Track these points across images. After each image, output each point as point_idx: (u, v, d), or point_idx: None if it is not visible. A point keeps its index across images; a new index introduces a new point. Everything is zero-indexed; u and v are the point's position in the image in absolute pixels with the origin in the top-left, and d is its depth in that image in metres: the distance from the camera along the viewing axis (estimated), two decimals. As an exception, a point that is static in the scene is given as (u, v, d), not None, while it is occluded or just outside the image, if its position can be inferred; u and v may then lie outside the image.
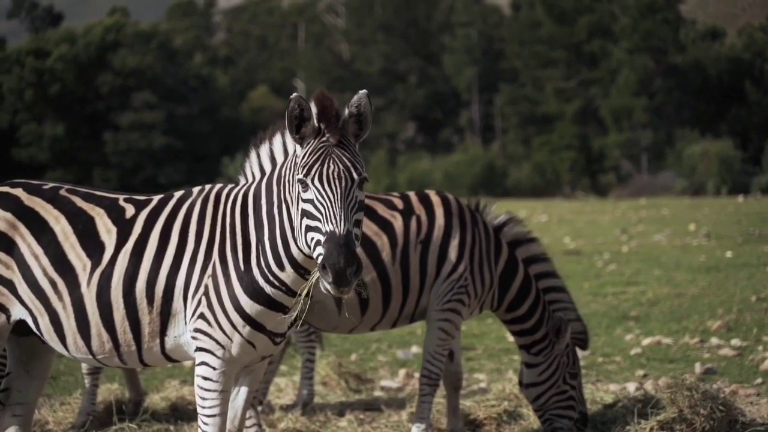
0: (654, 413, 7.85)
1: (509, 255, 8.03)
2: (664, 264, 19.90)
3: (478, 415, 8.61)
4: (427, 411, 7.87)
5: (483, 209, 8.11)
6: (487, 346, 12.58)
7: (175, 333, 5.86)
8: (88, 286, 5.86)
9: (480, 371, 11.09)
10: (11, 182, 6.29)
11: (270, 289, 5.67)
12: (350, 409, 9.42)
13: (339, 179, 5.33)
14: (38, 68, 65.90)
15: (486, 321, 14.31)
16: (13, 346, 6.39)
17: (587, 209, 41.15)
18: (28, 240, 5.98)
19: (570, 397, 8.11)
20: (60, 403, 9.45)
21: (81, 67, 66.84)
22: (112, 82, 66.72)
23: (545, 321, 8.10)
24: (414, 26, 77.38)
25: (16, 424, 6.42)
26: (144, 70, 67.23)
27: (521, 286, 8.01)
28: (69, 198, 6.12)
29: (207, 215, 5.88)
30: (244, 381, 6.10)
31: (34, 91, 65.63)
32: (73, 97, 66.72)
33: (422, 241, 7.74)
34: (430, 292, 7.77)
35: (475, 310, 8.01)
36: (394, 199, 7.92)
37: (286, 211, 5.61)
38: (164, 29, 72.69)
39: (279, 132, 5.85)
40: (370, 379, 10.49)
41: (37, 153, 65.06)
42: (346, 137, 5.50)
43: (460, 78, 73.71)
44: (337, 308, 7.55)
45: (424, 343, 7.96)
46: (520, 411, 8.68)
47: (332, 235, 5.17)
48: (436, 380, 7.87)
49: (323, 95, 5.52)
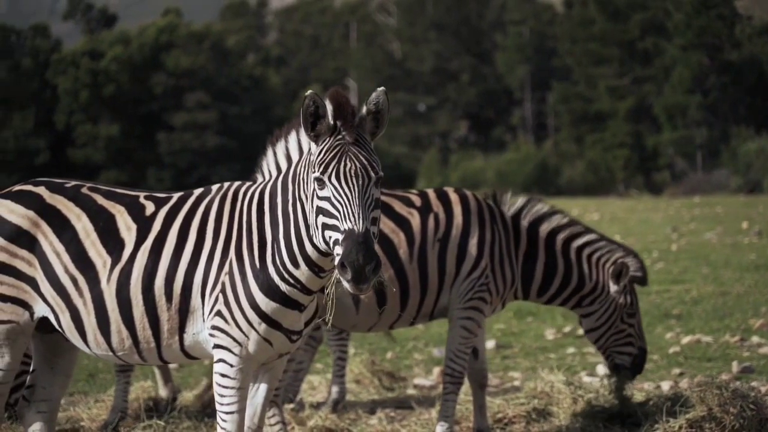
0: (683, 412, 7.76)
1: (528, 244, 8.04)
2: (713, 262, 19.71)
3: (507, 413, 8.57)
4: (451, 409, 7.85)
5: (501, 199, 8.08)
6: (524, 344, 12.53)
7: (194, 330, 5.88)
8: (108, 283, 5.91)
9: (515, 370, 11.05)
10: (34, 181, 6.35)
11: (285, 287, 5.69)
12: (381, 407, 9.42)
13: (356, 177, 5.34)
14: (93, 69, 66.65)
15: (525, 319, 14.26)
16: (38, 343, 6.46)
17: (640, 207, 40.80)
18: (50, 237, 6.03)
19: (628, 335, 8.27)
20: (95, 400, 9.55)
21: (135, 67, 67.49)
22: (165, 82, 67.28)
23: (587, 276, 8.16)
24: (466, 24, 77.20)
25: (41, 421, 6.48)
26: (197, 70, 67.71)
27: (545, 269, 8.06)
28: (90, 196, 6.16)
29: (225, 213, 5.90)
30: (263, 378, 6.11)
31: (89, 92, 66.40)
32: (128, 98, 67.39)
33: (440, 239, 7.71)
34: (451, 291, 7.74)
35: (497, 307, 7.98)
36: (411, 197, 7.89)
37: (300, 209, 5.62)
38: (217, 30, 73.10)
39: (294, 130, 5.85)
40: (403, 377, 10.48)
41: (92, 153, 65.83)
42: (362, 135, 5.50)
43: (513, 76, 73.46)
44: (355, 307, 7.55)
45: (447, 341, 7.93)
46: (550, 409, 8.61)
47: (351, 233, 5.18)
48: (460, 378, 7.84)
49: (338, 93, 5.52)
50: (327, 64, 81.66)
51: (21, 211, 6.09)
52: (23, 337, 6.16)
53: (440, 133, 73.63)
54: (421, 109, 76.04)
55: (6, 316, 6.07)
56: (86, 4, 78.24)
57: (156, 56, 68.30)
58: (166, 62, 67.86)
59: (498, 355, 11.92)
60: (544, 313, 14.58)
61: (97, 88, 66.52)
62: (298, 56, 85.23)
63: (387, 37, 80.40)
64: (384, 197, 7.38)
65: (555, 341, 12.71)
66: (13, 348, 6.15)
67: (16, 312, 6.07)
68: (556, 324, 13.80)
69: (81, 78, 66.67)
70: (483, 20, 78.03)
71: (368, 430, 8.50)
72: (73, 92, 66.81)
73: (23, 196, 6.17)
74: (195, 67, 67.71)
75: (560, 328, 13.46)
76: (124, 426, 8.58)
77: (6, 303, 6.07)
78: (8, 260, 6.05)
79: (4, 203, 6.16)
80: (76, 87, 66.68)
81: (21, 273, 6.05)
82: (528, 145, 66.58)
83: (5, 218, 6.09)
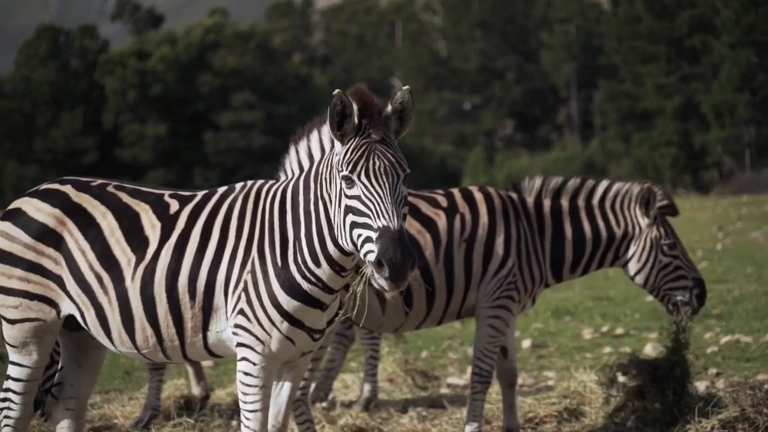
0: (716, 412, 7.68)
1: (553, 224, 8.00)
2: (758, 261, 19.49)
3: (538, 412, 8.53)
4: (479, 409, 7.82)
5: (521, 186, 8.05)
6: (560, 344, 12.47)
7: (217, 328, 5.89)
8: (133, 281, 5.93)
9: (550, 369, 10.99)
10: (61, 179, 6.39)
11: (307, 285, 5.68)
12: (414, 406, 9.42)
13: (386, 175, 5.34)
14: (140, 69, 67.11)
15: (563, 319, 14.19)
16: (66, 341, 6.50)
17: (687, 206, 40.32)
18: (76, 235, 6.07)
19: (676, 267, 8.10)
20: (129, 398, 9.61)
21: (182, 67, 67.88)
22: (212, 82, 67.61)
23: (615, 226, 8.07)
24: (512, 23, 76.97)
25: (69, 418, 6.52)
26: (243, 70, 67.96)
27: (574, 244, 8.00)
28: (116, 194, 6.19)
29: (247, 211, 5.91)
30: (286, 377, 6.10)
31: (137, 92, 66.89)
32: (174, 98, 67.79)
33: (466, 240, 7.68)
34: (478, 290, 7.71)
35: (527, 303, 7.94)
36: (438, 197, 7.86)
37: (322, 208, 5.61)
38: (263, 29, 73.37)
39: (316, 129, 5.85)
40: (436, 376, 10.46)
41: (139, 153, 66.27)
42: (388, 134, 5.49)
43: (559, 74, 73.07)
44: (381, 307, 7.52)
45: (475, 340, 7.89)
46: (582, 409, 8.57)
47: (387, 230, 5.17)
48: (488, 377, 7.80)
49: (364, 92, 5.52)
50: (372, 64, 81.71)
51: (47, 210, 6.13)
52: (50, 334, 6.20)
53: (485, 132, 73.43)
54: (467, 108, 75.90)
55: (33, 314, 6.12)
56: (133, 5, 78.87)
57: (202, 56, 68.67)
58: (213, 62, 68.20)
59: (533, 354, 11.88)
60: (582, 313, 14.52)
61: (144, 88, 66.99)
62: (343, 55, 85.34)
63: (432, 36, 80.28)
64: (410, 198, 7.37)
65: (592, 341, 12.63)
66: (40, 345, 6.20)
67: (43, 310, 6.12)
68: (594, 323, 13.72)
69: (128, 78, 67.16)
70: (529, 18, 77.73)
71: (399, 429, 8.47)
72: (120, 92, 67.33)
73: (50, 195, 6.22)
74: (241, 67, 67.98)
75: (598, 327, 13.38)
76: (156, 424, 8.62)
77: (33, 301, 6.12)
78: (35, 258, 6.10)
79: (31, 202, 6.21)
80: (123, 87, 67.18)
81: (48, 271, 6.09)
82: (574, 143, 66.25)
83: (32, 217, 6.14)
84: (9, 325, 6.19)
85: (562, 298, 16.20)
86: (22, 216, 6.18)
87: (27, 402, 6.33)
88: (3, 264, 6.15)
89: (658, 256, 8.08)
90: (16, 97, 69.05)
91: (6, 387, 6.32)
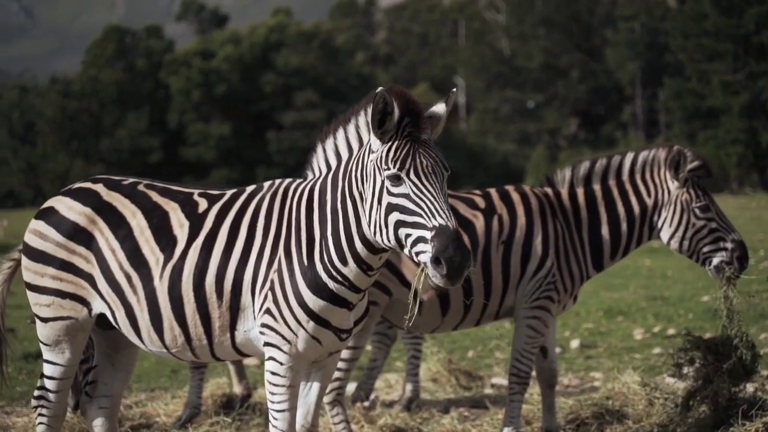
0: (760, 415, 7.53)
1: (589, 213, 7.85)
2: (821, 262, 19.13)
3: (579, 413, 8.40)
4: (516, 410, 7.73)
5: (555, 180, 7.94)
6: (610, 344, 12.30)
7: (245, 327, 5.87)
8: (161, 281, 5.93)
9: (597, 370, 10.84)
10: (94, 178, 6.43)
11: (333, 284, 5.64)
12: (456, 407, 9.34)
13: (434, 173, 5.32)
14: (204, 69, 67.69)
15: (615, 319, 14.02)
16: (99, 340, 6.54)
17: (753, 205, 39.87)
18: (106, 234, 6.09)
19: (712, 230, 7.79)
20: (172, 396, 9.64)
21: (245, 67, 68.36)
22: (275, 81, 68.03)
23: (646, 196, 7.86)
24: (576, 20, 76.39)
25: (102, 416, 6.56)
26: (306, 69, 68.29)
27: (610, 228, 7.83)
28: (146, 193, 6.20)
29: (274, 210, 5.88)
30: (315, 377, 6.06)
31: (201, 92, 67.49)
32: (238, 97, 68.30)
33: (504, 242, 7.58)
34: (516, 292, 7.62)
35: (568, 303, 7.83)
36: (475, 198, 7.76)
37: (351, 206, 5.57)
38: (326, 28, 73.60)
39: (342, 127, 5.81)
40: (480, 376, 10.36)
41: (203, 152, 66.86)
42: (428, 133, 5.45)
43: (623, 72, 72.39)
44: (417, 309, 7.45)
45: (513, 341, 7.80)
46: (625, 411, 8.42)
47: (445, 229, 5.14)
48: (525, 379, 7.71)
49: (404, 91, 5.48)
50: (435, 62, 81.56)
51: (78, 208, 6.17)
52: (82, 333, 6.23)
53: (549, 131, 73.00)
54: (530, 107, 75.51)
55: (65, 312, 6.15)
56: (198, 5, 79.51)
57: (266, 55, 69.09)
58: (276, 61, 68.59)
59: (581, 354, 11.74)
60: (635, 313, 14.33)
61: (208, 87, 67.57)
62: (406, 54, 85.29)
63: (495, 35, 79.95)
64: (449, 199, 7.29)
65: (642, 341, 12.45)
66: (72, 344, 6.24)
67: (74, 308, 6.15)
68: (646, 324, 13.53)
69: (193, 78, 67.81)
70: (593, 16, 77.09)
71: (439, 429, 8.40)
72: (185, 92, 67.99)
73: (81, 194, 6.26)
74: (304, 66, 68.30)
75: (650, 327, 13.19)
76: (194, 423, 8.62)
77: (65, 299, 6.15)
78: (67, 257, 6.13)
79: (63, 200, 6.26)
80: (188, 87, 67.85)
81: (79, 270, 6.12)
82: (638, 142, 65.50)
83: (64, 215, 6.18)
84: (42, 324, 6.24)
85: (617, 297, 16.02)
86: (54, 215, 6.22)
87: (61, 400, 6.39)
88: (36, 262, 6.20)
89: (691, 220, 7.77)
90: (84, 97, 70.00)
91: (40, 385, 6.38)
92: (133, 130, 68.27)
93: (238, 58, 68.37)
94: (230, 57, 68.07)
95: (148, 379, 11.03)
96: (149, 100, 70.25)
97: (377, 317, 7.57)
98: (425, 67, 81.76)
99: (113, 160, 67.31)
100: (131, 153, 68.12)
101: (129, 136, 68.28)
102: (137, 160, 66.85)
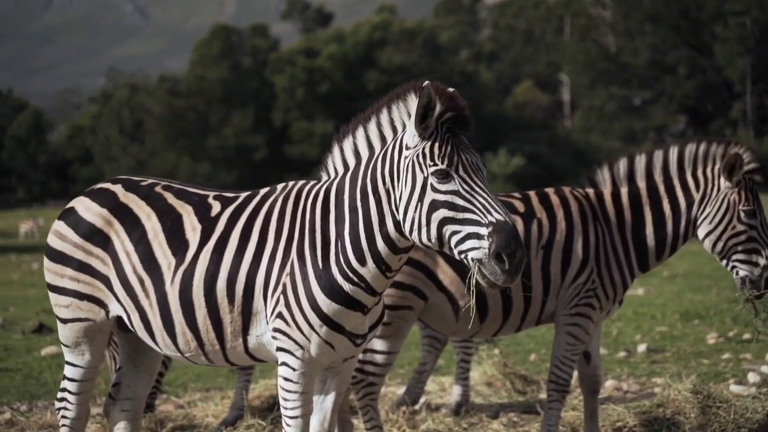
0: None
1: (633, 214, 7.50)
2: None
3: (627, 421, 8.11)
4: (555, 418, 7.48)
5: (597, 180, 7.64)
6: (679, 348, 11.93)
7: (257, 332, 5.75)
8: (172, 285, 5.84)
9: (659, 375, 10.48)
10: (113, 178, 6.39)
11: (349, 287, 5.49)
12: (507, 411, 9.13)
13: (480, 170, 5.22)
14: (309, 67, 68.11)
15: (691, 322, 13.63)
16: (123, 342, 6.49)
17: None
18: (122, 236, 6.04)
19: (750, 238, 7.26)
20: (222, 397, 9.62)
21: (349, 65, 68.63)
22: (378, 79, 68.10)
23: (693, 191, 7.43)
24: (684, 16, 75.03)
25: (125, 419, 6.51)
26: (409, 67, 68.21)
27: (654, 228, 7.47)
28: (162, 195, 6.13)
29: (287, 212, 5.75)
30: (331, 383, 5.93)
31: (305, 90, 67.92)
32: (342, 95, 68.55)
33: (543, 247, 7.33)
34: (557, 297, 7.38)
35: (613, 308, 7.57)
36: (515, 202, 7.52)
37: (375, 204, 5.41)
38: (430, 26, 73.47)
39: (362, 126, 5.68)
40: (536, 381, 10.11)
41: (307, 150, 67.26)
42: (471, 130, 5.35)
43: (733, 68, 70.96)
44: (455, 315, 7.29)
45: (553, 347, 7.56)
46: (677, 419, 8.09)
47: (504, 225, 4.99)
48: (565, 386, 7.47)
49: (446, 88, 5.34)
50: (540, 59, 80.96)
51: (96, 209, 6.13)
52: (101, 335, 6.20)
53: (655, 128, 71.84)
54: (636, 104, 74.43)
55: (83, 313, 6.13)
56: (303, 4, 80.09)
57: (369, 53, 69.25)
58: (380, 59, 68.70)
59: (647, 359, 11.40)
60: (713, 316, 13.93)
61: (312, 85, 68.00)
62: (511, 51, 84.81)
63: (601, 31, 78.98)
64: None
65: (713, 346, 12.03)
66: (92, 346, 6.20)
67: (92, 310, 6.11)
68: (722, 328, 13.11)
69: (297, 76, 68.28)
70: (702, 11, 75.65)
71: (484, 435, 8.24)
72: (289, 90, 68.52)
73: (100, 195, 6.22)
74: (407, 64, 68.28)
75: (725, 332, 12.77)
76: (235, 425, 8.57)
77: (83, 301, 6.12)
78: (84, 258, 6.09)
79: (83, 201, 6.23)
80: (292, 85, 68.34)
81: (96, 271, 6.08)
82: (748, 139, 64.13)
83: (82, 216, 6.15)
84: (62, 325, 6.22)
85: (698, 300, 15.61)
86: (73, 215, 6.20)
87: (83, 402, 6.34)
88: (55, 263, 6.19)
89: (733, 221, 7.30)
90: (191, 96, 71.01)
91: (62, 387, 6.37)
92: (238, 128, 69.02)
93: (341, 56, 68.69)
94: (334, 55, 68.42)
95: (205, 378, 11.03)
96: (254, 99, 70.94)
97: (412, 322, 7.42)
98: (529, 65, 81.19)
99: (219, 158, 68.19)
100: (236, 151, 68.88)
101: (234, 134, 69.04)
102: (242, 158, 67.62)
